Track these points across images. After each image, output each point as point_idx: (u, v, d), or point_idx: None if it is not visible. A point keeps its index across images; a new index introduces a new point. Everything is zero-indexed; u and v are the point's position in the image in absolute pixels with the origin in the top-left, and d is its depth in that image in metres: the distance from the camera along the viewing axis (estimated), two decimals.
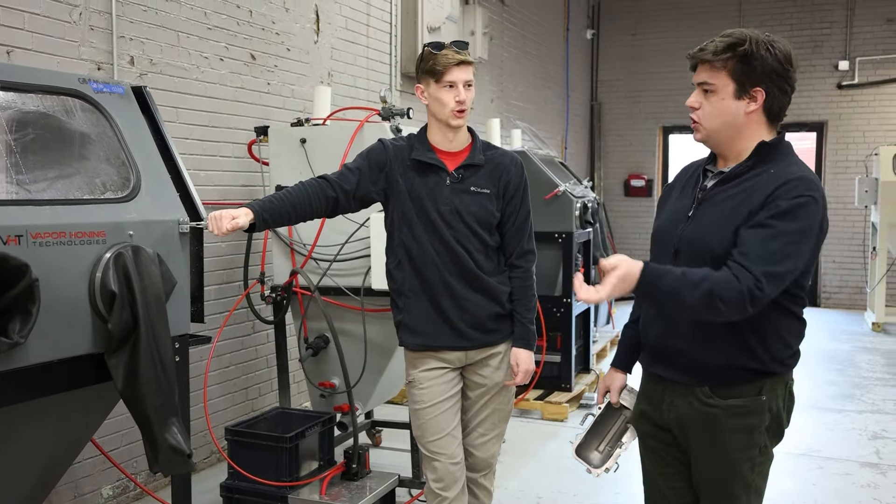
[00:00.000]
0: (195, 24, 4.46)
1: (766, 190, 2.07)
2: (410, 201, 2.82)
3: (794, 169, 2.11)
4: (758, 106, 2.13)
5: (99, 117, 2.64)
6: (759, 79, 2.11)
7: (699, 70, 2.16)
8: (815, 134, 11.14)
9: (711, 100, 2.14)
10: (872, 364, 7.54)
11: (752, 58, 2.10)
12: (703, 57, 2.14)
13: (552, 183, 5.79)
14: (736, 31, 2.15)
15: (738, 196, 2.12)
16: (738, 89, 2.11)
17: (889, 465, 4.78)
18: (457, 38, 7.29)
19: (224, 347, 4.72)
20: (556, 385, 5.90)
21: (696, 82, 2.18)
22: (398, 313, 2.93)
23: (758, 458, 2.21)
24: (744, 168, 2.16)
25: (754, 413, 2.16)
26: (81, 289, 2.37)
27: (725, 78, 2.12)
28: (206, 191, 4.53)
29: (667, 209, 2.36)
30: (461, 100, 2.76)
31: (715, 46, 2.12)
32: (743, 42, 2.10)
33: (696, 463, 2.26)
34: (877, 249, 9.10)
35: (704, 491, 2.28)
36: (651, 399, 2.34)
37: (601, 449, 2.47)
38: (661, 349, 2.27)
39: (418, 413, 2.92)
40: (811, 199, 2.04)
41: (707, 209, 2.18)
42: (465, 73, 2.77)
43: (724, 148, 2.20)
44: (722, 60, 2.10)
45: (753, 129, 2.16)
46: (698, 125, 2.19)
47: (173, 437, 2.44)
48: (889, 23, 10.49)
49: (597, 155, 11.96)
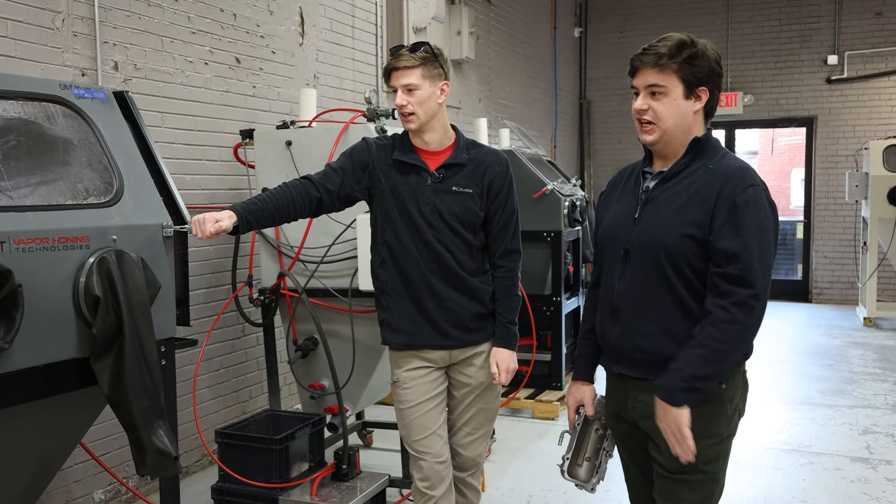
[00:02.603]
0: (179, 28, 4.46)
1: (711, 186, 2.15)
2: (393, 200, 2.83)
3: (729, 161, 2.21)
4: (702, 105, 2.22)
5: (81, 123, 2.64)
6: (704, 79, 2.20)
7: (645, 73, 2.21)
8: (805, 129, 11.17)
9: (664, 101, 2.20)
10: (864, 359, 7.57)
11: (699, 59, 2.18)
12: (651, 60, 2.18)
13: (540, 182, 5.81)
14: (674, 35, 2.21)
15: (683, 192, 2.20)
16: (687, 90, 2.19)
17: (879, 459, 4.80)
18: (443, 39, 7.39)
19: (214, 350, 4.73)
20: (546, 384, 5.91)
21: (641, 86, 2.22)
22: (381, 311, 2.95)
23: (719, 448, 2.24)
24: (681, 165, 2.24)
25: (714, 401, 2.21)
26: (65, 294, 2.37)
27: (675, 79, 2.18)
28: (193, 195, 4.54)
29: (609, 213, 2.41)
30: (398, 104, 2.77)
31: (665, 49, 2.17)
32: (690, 44, 2.18)
33: (657, 451, 2.28)
34: (867, 244, 9.13)
35: (662, 482, 2.29)
36: (616, 398, 2.39)
37: (580, 462, 2.49)
38: (621, 349, 2.31)
39: (403, 413, 2.93)
40: (756, 187, 2.15)
41: (653, 209, 2.24)
42: (403, 78, 2.76)
43: (672, 148, 2.26)
44: (673, 62, 2.16)
45: (696, 128, 2.25)
46: (653, 126, 2.23)
47: (160, 440, 2.44)
48: (877, 16, 10.52)
49: (586, 153, 11.99)
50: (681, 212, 2.17)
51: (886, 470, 4.63)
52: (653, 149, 2.30)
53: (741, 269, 2.08)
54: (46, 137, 2.55)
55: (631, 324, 2.26)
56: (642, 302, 2.23)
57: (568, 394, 2.55)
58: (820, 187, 10.94)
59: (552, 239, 5.80)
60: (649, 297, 2.22)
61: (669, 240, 2.16)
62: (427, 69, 2.77)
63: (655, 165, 2.31)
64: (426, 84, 2.77)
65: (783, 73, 10.97)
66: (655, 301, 2.21)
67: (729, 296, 2.08)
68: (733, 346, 2.12)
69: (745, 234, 2.09)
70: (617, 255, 2.31)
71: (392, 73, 2.79)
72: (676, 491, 2.26)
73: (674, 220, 2.17)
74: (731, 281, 2.09)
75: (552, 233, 5.79)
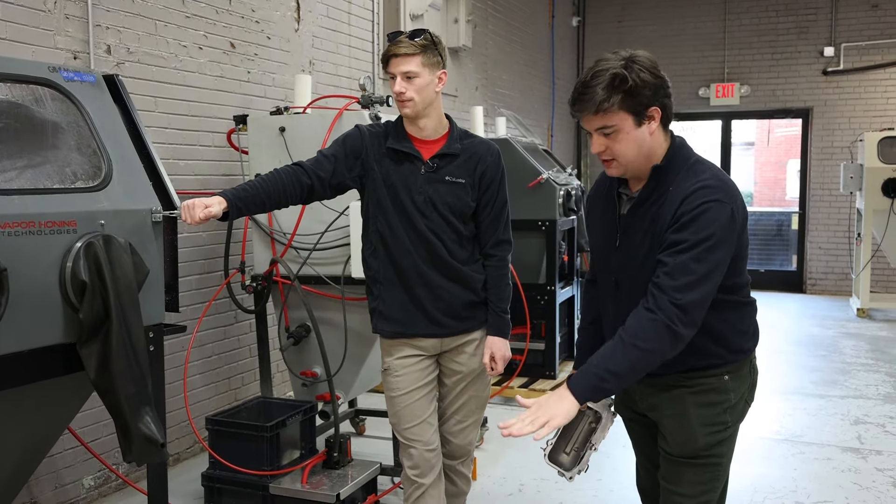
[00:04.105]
0: (173, 12, 4.42)
1: (671, 210, 2.09)
2: (385, 189, 2.81)
3: (692, 181, 2.11)
4: (657, 123, 2.13)
5: (70, 106, 2.61)
6: (651, 100, 2.08)
7: (589, 119, 2.11)
8: (801, 120, 11.16)
9: (619, 138, 2.10)
10: (857, 350, 7.58)
11: (638, 88, 2.06)
12: (591, 108, 2.07)
13: (535, 171, 5.79)
14: (605, 68, 2.07)
15: (649, 219, 2.14)
16: (637, 119, 2.09)
17: (870, 449, 4.81)
18: (440, 26, 7.35)
19: (206, 337, 4.71)
20: (540, 373, 5.91)
21: (590, 129, 2.13)
22: (373, 300, 2.94)
23: (722, 435, 2.25)
24: (648, 192, 2.17)
25: (718, 391, 2.22)
26: (52, 279, 2.35)
27: (621, 115, 2.07)
28: (186, 180, 4.51)
29: (597, 231, 2.38)
30: (397, 91, 2.75)
31: (600, 93, 2.05)
32: (624, 79, 2.04)
33: (662, 439, 2.30)
34: (861, 235, 9.14)
35: (667, 464, 2.31)
36: (625, 391, 2.40)
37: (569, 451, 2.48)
38: None
39: (394, 400, 2.92)
40: (714, 202, 2.05)
41: (629, 237, 2.21)
42: (402, 65, 2.74)
43: (641, 171, 2.19)
44: (612, 103, 2.05)
45: (659, 143, 2.16)
46: (614, 163, 2.16)
47: (147, 427, 2.43)
48: (874, 9, 10.50)
49: (583, 143, 11.96)
50: (650, 240, 2.14)
51: (876, 460, 4.64)
52: (626, 177, 2.25)
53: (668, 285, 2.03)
54: (34, 120, 2.53)
55: None
56: None
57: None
58: (815, 178, 10.94)
59: (547, 228, 5.78)
60: None
61: (648, 273, 2.11)
62: (426, 57, 2.75)
63: (631, 185, 2.26)
64: (425, 72, 2.75)
65: (780, 64, 10.94)
66: None
67: (654, 304, 2.04)
68: (656, 350, 2.05)
69: (682, 250, 2.03)
70: (608, 282, 2.31)
71: (391, 60, 2.77)
72: (680, 473, 2.27)
73: (646, 251, 2.14)
74: (651, 303, 2.04)
75: (547, 222, 5.77)
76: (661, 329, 2.01)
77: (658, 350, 2.04)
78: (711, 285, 2.06)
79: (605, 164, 2.20)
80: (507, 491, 4.17)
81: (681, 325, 2.01)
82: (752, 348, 2.29)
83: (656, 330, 2.02)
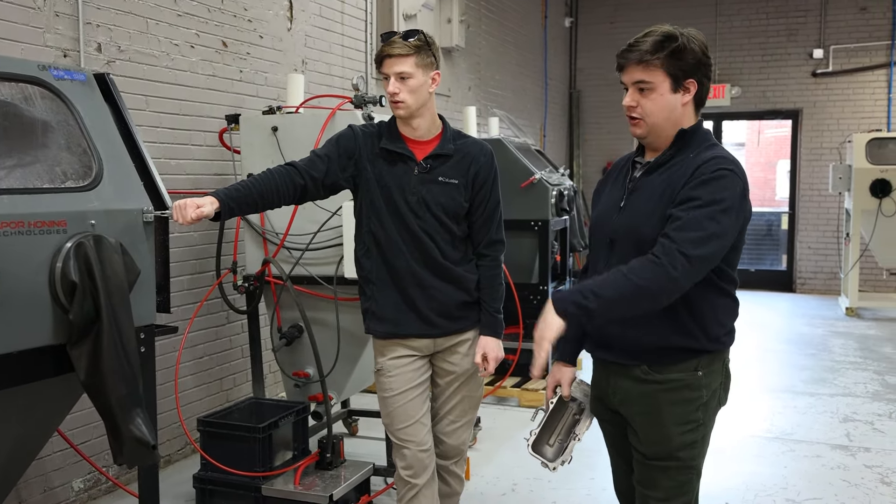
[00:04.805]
0: (165, 10, 4.40)
1: (688, 170, 2.15)
2: (378, 189, 2.80)
3: (713, 151, 2.19)
4: (690, 97, 2.21)
5: (60, 105, 2.59)
6: (691, 71, 2.19)
7: (631, 70, 2.20)
8: (791, 121, 11.22)
9: (651, 97, 2.19)
10: (845, 348, 7.63)
11: (684, 52, 2.16)
12: (636, 58, 2.17)
13: (528, 171, 5.78)
14: (659, 28, 2.19)
15: (664, 183, 2.19)
16: (674, 84, 2.18)
17: (859, 447, 4.84)
18: (433, 26, 7.34)
19: (198, 338, 4.68)
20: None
21: (628, 82, 2.22)
22: (365, 300, 2.93)
23: (695, 434, 2.25)
24: (667, 157, 2.23)
25: (691, 388, 2.22)
26: (42, 279, 2.33)
27: (661, 74, 2.17)
28: (178, 180, 4.48)
29: (602, 201, 2.43)
30: (391, 91, 2.74)
31: (648, 45, 2.16)
32: (674, 38, 2.16)
33: (635, 437, 2.30)
34: (850, 235, 9.20)
35: (641, 469, 2.30)
36: (599, 384, 2.41)
37: (552, 442, 2.49)
38: (602, 335, 2.33)
39: (387, 401, 2.91)
40: (730, 171, 2.12)
41: (636, 198, 2.25)
42: (395, 66, 2.72)
43: (661, 140, 2.25)
44: (657, 58, 2.15)
45: (686, 119, 2.24)
46: (640, 122, 2.23)
47: (138, 429, 2.41)
48: (862, 11, 10.56)
49: (575, 143, 11.97)
50: (659, 203, 2.17)
51: (865, 457, 4.66)
52: (643, 141, 2.30)
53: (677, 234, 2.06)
54: (24, 119, 2.50)
55: None
56: None
57: (549, 373, 2.55)
58: (805, 179, 11.00)
59: (539, 228, 5.78)
60: None
61: (648, 231, 2.15)
62: (420, 58, 2.74)
63: (647, 156, 2.32)
64: (419, 73, 2.74)
65: (770, 65, 11.00)
66: None
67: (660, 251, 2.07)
68: (647, 287, 2.06)
69: (695, 206, 2.07)
70: (603, 243, 2.32)
71: (385, 60, 2.75)
72: (654, 478, 2.27)
73: (652, 211, 2.17)
74: (658, 249, 2.08)
75: (540, 222, 5.77)
76: (660, 272, 2.03)
77: (649, 289, 2.05)
78: (719, 247, 2.09)
79: (632, 122, 2.25)
80: (500, 490, 4.17)
81: (682, 272, 2.03)
82: (727, 344, 2.29)
83: (654, 271, 2.04)
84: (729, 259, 2.20)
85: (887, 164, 8.76)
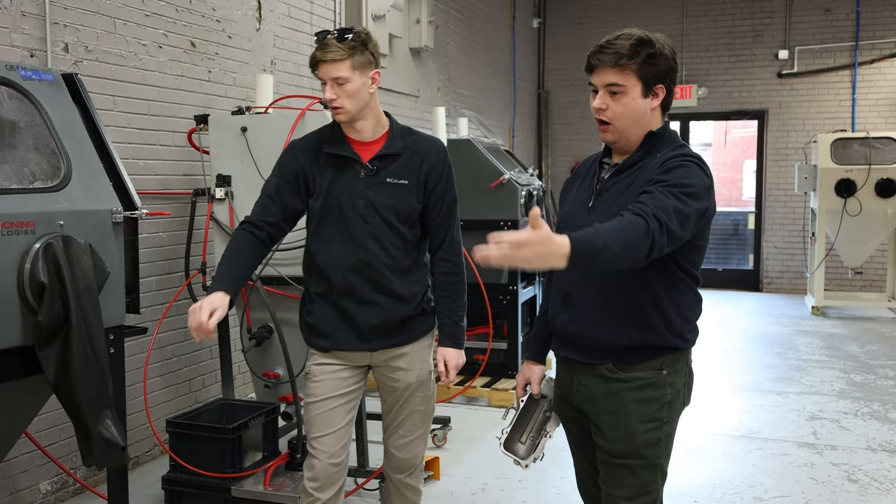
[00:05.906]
0: (132, 10, 4.37)
1: (655, 166, 2.17)
2: (325, 198, 2.69)
3: (680, 150, 2.21)
4: (659, 102, 2.23)
5: (28, 105, 2.58)
6: (662, 77, 2.21)
7: (603, 72, 2.18)
8: (757, 122, 11.38)
9: (623, 101, 2.19)
10: (811, 347, 7.74)
11: (658, 58, 2.18)
12: (611, 60, 2.16)
13: (497, 171, 5.82)
14: (632, 32, 2.19)
15: (633, 185, 2.19)
16: (645, 88, 2.19)
17: (825, 444, 4.92)
18: (402, 27, 7.35)
19: (166, 338, 4.66)
20: (502, 372, 5.94)
21: (599, 84, 2.21)
22: (305, 314, 2.82)
23: (660, 432, 2.27)
24: (636, 158, 2.25)
25: (656, 386, 2.24)
26: (10, 280, 2.32)
27: (634, 79, 2.17)
28: (147, 180, 4.46)
29: (569, 200, 2.43)
30: (328, 98, 2.61)
31: (625, 49, 2.15)
32: (650, 43, 2.17)
33: (600, 436, 2.30)
34: (816, 235, 9.34)
35: (605, 468, 2.31)
36: (563, 382, 2.41)
37: (524, 440, 2.51)
38: (567, 333, 2.33)
39: (308, 406, 2.79)
40: (696, 164, 2.15)
41: (605, 199, 2.25)
42: (331, 71, 2.58)
43: (629, 143, 2.27)
44: (634, 62, 2.16)
45: (654, 122, 2.26)
46: (610, 126, 2.23)
47: (107, 430, 2.41)
48: (826, 13, 10.74)
49: (544, 143, 12.05)
50: (627, 201, 2.15)
51: (832, 455, 4.74)
52: (616, 146, 2.31)
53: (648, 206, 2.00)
54: None
55: (579, 309, 2.28)
56: (591, 289, 2.25)
57: (519, 372, 2.57)
58: (771, 179, 11.15)
59: (509, 228, 5.81)
60: (598, 285, 2.24)
61: None
62: (356, 59, 2.59)
63: (614, 157, 2.33)
64: (356, 75, 2.60)
65: (736, 66, 11.15)
66: (603, 289, 2.23)
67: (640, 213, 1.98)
68: (626, 236, 1.94)
69: (664, 186, 2.04)
70: None
71: (319, 65, 2.60)
72: (619, 477, 2.28)
73: (617, 213, 2.12)
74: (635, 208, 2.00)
75: (509, 222, 5.81)
76: (642, 225, 1.94)
77: (634, 237, 1.93)
78: (686, 226, 2.04)
79: (601, 127, 2.25)
80: (470, 490, 4.19)
81: (657, 235, 1.94)
82: (691, 342, 2.31)
83: (639, 223, 1.95)
84: (692, 258, 2.22)
85: (852, 164, 8.90)
